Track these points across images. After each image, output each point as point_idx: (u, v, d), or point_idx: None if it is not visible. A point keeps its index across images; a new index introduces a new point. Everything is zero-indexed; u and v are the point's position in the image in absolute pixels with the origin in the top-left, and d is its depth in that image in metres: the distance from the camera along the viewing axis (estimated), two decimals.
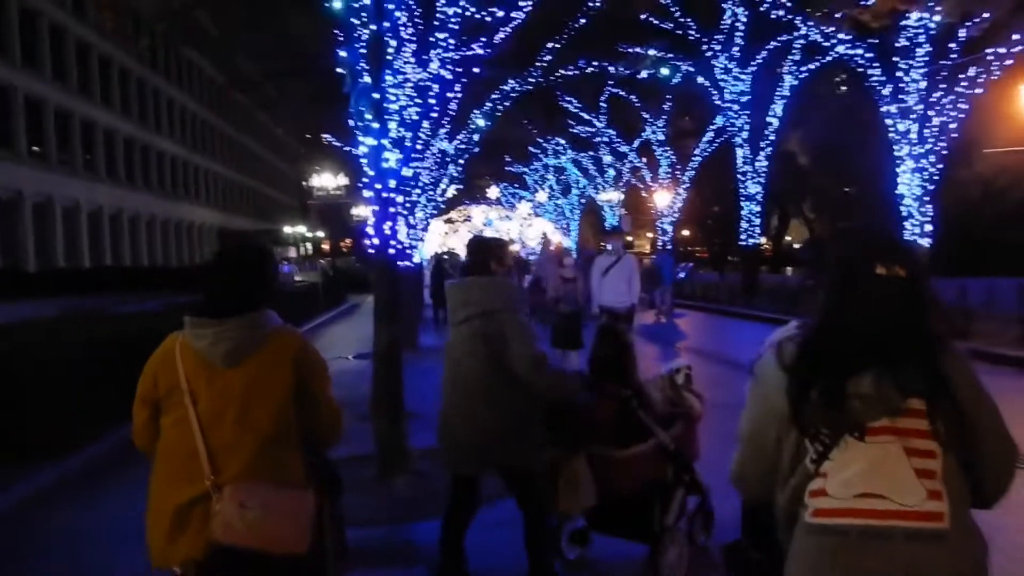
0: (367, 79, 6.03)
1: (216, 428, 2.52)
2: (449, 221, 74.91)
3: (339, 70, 6.10)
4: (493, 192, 66.14)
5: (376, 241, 6.34)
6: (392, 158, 6.35)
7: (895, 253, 2.00)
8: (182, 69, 54.23)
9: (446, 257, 31.64)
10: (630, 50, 23.33)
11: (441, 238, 68.13)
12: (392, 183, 6.37)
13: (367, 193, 6.38)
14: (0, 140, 33.21)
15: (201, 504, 2.47)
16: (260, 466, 2.51)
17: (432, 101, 7.57)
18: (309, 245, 70.05)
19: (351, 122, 6.26)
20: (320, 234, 74.23)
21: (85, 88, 40.46)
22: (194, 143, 56.83)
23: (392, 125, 6.35)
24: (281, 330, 2.67)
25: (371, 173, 6.28)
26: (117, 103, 44.18)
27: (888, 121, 16.34)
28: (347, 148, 6.53)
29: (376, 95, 6.07)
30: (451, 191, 45.33)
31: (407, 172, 6.55)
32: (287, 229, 64.31)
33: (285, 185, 79.80)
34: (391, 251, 6.43)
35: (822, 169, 37.14)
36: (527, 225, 68.87)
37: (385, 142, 6.28)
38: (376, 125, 6.14)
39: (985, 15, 14.67)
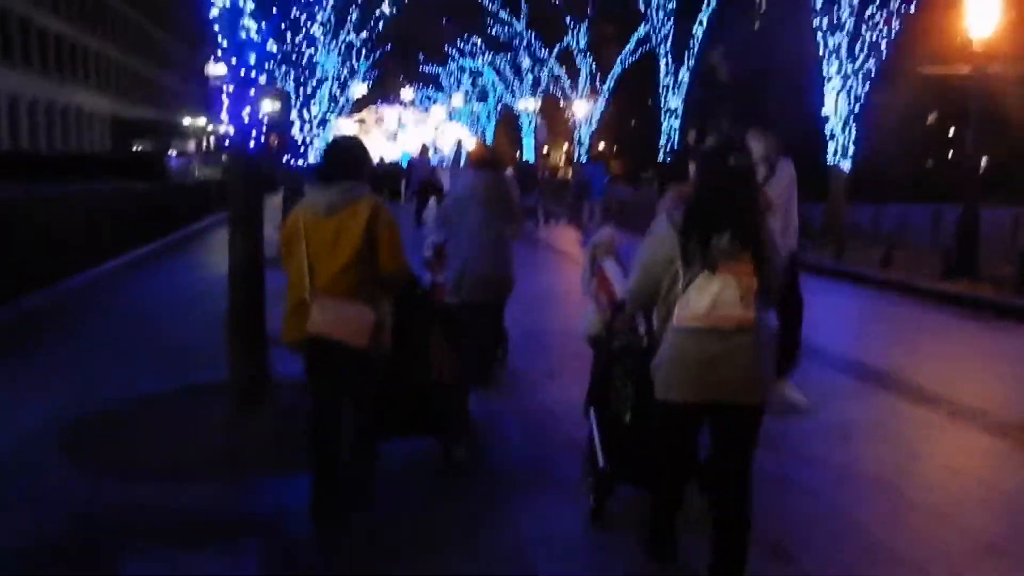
0: None
1: (316, 257, 3.77)
2: (361, 121, 71.96)
3: None
4: (407, 94, 63.61)
5: (231, 129, 5.11)
6: (252, 27, 5.08)
7: (739, 151, 3.35)
8: None
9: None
10: None
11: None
12: (252, 58, 5.11)
13: (218, 69, 5.11)
14: None
15: (304, 306, 3.78)
16: (337, 284, 3.76)
17: None
18: (212, 139, 66.12)
19: None
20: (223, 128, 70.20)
21: None
22: (83, 21, 52.07)
23: None
24: (365, 196, 3.85)
25: (224, 44, 5.01)
26: None
27: (818, 37, 15.53)
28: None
29: None
30: (362, 89, 43.13)
31: (273, 47, 5.27)
32: (187, 120, 60.36)
33: (186, 73, 74.64)
34: (250, 143, 5.21)
35: (743, 86, 36.46)
36: (441, 130, 66.82)
37: (245, 4, 5.00)
38: None
39: None
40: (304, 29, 12.41)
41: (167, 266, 14.36)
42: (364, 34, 19.15)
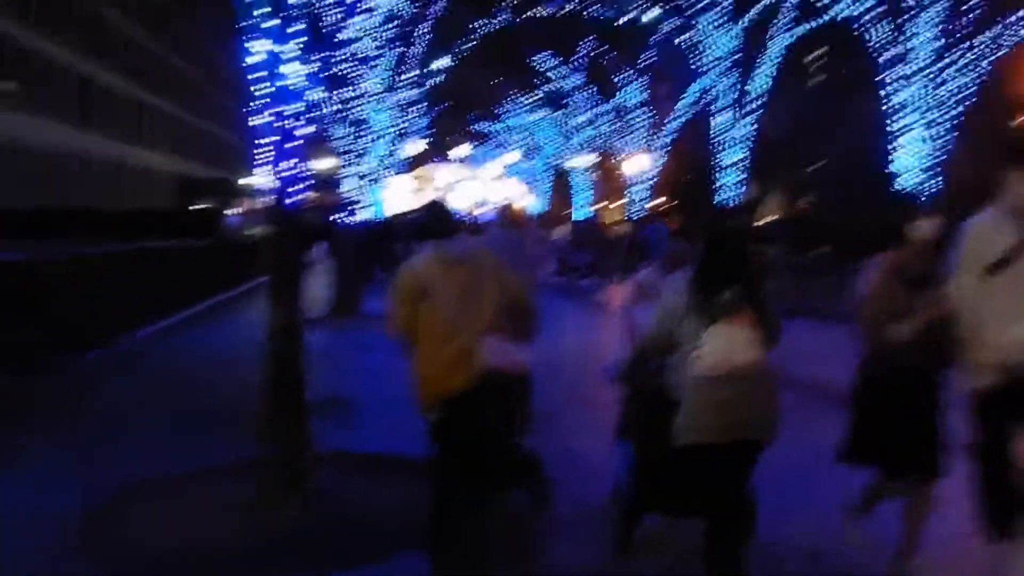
0: None
1: (464, 304, 3.90)
2: (417, 179, 72.58)
3: None
4: (461, 151, 64.14)
5: (273, 182, 4.69)
6: (294, 73, 4.68)
7: (735, 217, 13.58)
8: None
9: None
10: None
11: (407, 197, 65.73)
12: (297, 107, 4.70)
13: (255, 120, 4.70)
14: None
15: (467, 351, 3.86)
16: (495, 324, 3.93)
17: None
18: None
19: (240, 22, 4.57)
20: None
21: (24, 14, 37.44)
22: (154, 84, 53.84)
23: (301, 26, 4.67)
24: (478, 247, 4.28)
25: (265, 90, 4.61)
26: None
27: (885, 91, 14.89)
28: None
29: None
30: (417, 147, 43.34)
31: (318, 94, 4.88)
32: (245, 180, 61.51)
33: (247, 134, 76.52)
34: (289, 198, 4.78)
35: (801, 142, 35.74)
36: (495, 188, 67.07)
37: (288, 48, 4.61)
38: (275, 22, 4.47)
39: None
40: (356, 84, 12.22)
41: (215, 326, 14.10)
42: (419, 91, 19.06)
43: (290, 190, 4.78)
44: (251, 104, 4.68)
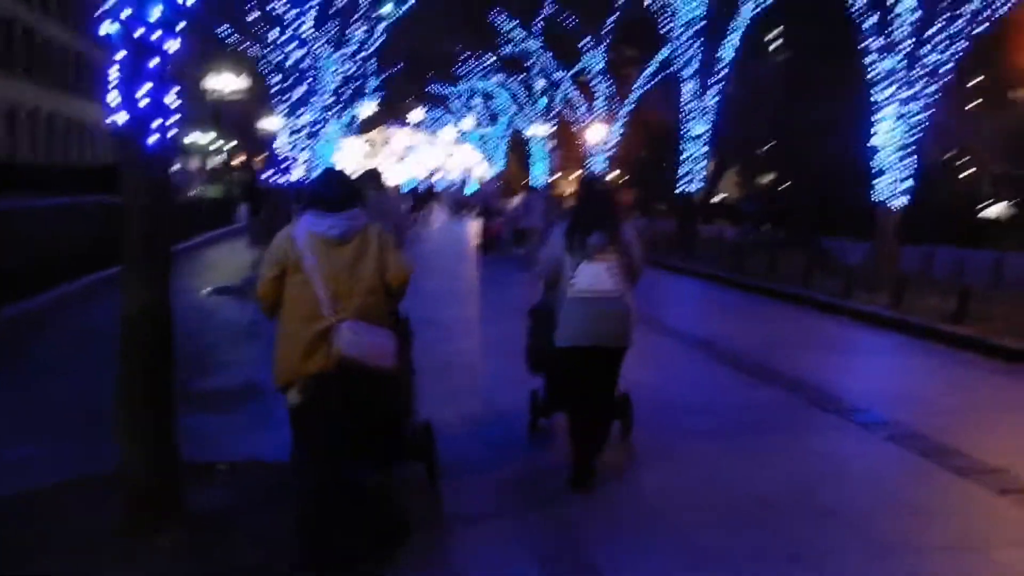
0: None
1: (334, 282, 3.73)
2: (370, 143, 70.46)
3: None
4: (417, 115, 62.37)
5: (121, 117, 3.47)
6: None
7: (601, 180, 10.35)
8: None
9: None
10: None
11: (361, 160, 63.77)
12: (156, 13, 3.47)
13: (105, 29, 3.46)
14: None
15: (327, 334, 3.66)
16: (364, 309, 3.76)
17: None
18: (222, 157, 64.76)
19: None
20: (232, 145, 68.70)
21: None
22: (87, 32, 51.12)
23: None
24: (369, 224, 3.98)
25: None
26: None
27: (869, 59, 13.91)
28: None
29: None
30: (370, 108, 41.54)
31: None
32: (190, 137, 58.93)
33: (195, 90, 73.61)
34: (149, 138, 3.55)
35: (762, 119, 34.90)
36: (449, 154, 65.45)
37: None
38: None
39: None
40: (286, 25, 10.90)
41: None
42: (367, 44, 17.65)
43: (150, 127, 3.56)
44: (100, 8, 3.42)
